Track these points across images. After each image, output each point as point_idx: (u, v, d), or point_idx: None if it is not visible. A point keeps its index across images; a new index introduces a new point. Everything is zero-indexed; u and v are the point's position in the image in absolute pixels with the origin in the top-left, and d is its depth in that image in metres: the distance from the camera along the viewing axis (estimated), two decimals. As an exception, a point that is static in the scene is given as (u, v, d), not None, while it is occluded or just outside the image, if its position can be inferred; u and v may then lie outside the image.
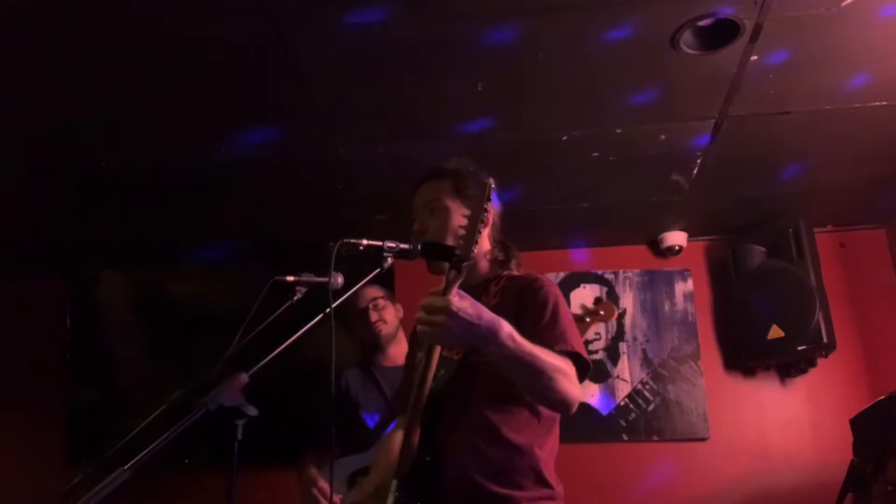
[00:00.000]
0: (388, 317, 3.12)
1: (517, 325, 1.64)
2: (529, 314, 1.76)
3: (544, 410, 1.79)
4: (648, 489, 3.69)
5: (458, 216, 1.87)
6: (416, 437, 1.69)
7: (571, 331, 1.77)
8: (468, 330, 1.54)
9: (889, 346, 3.76)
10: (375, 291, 3.16)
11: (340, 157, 3.02)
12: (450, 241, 1.84)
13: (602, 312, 3.68)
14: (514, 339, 1.58)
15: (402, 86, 2.57)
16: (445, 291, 1.58)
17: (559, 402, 1.67)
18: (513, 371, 1.64)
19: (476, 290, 1.88)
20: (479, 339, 1.57)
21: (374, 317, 3.09)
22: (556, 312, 1.77)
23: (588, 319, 3.33)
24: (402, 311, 3.20)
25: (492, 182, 1.71)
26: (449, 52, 2.39)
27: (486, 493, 1.70)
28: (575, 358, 1.71)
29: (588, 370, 1.75)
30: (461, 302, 1.54)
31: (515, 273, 1.93)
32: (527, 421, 1.77)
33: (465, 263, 1.62)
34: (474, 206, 1.69)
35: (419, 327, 1.60)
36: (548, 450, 1.80)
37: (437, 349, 1.72)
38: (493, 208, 1.97)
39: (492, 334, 1.56)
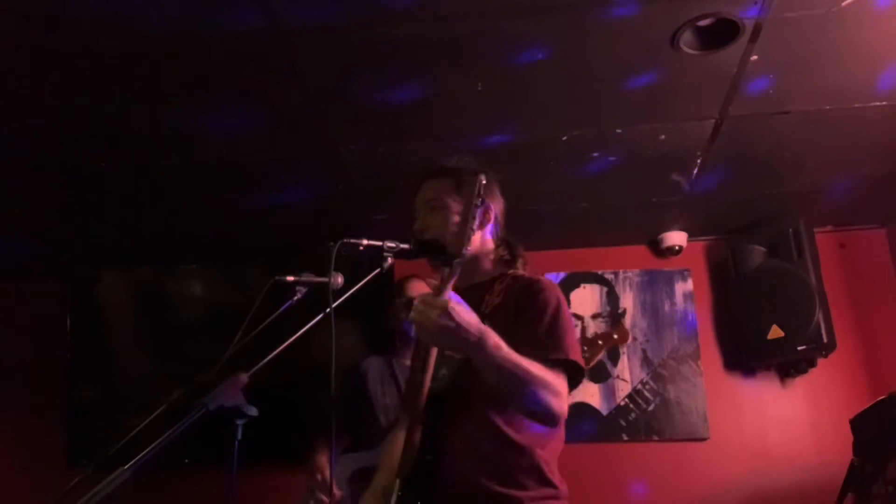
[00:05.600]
0: None
1: (515, 325, 1.63)
2: (528, 317, 1.75)
3: None
4: (648, 489, 3.69)
5: (458, 214, 1.87)
6: (417, 437, 1.69)
7: (568, 337, 1.75)
8: (457, 334, 1.53)
9: (889, 346, 3.76)
10: (426, 288, 3.14)
11: (340, 157, 3.02)
12: (449, 240, 1.84)
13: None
14: (499, 350, 1.57)
15: (401, 86, 2.57)
16: (440, 289, 1.57)
17: (542, 415, 1.66)
18: (496, 380, 1.63)
19: (480, 288, 1.88)
20: (466, 345, 1.56)
21: None
22: (555, 318, 1.75)
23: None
24: None
25: (483, 177, 1.67)
26: (449, 53, 2.39)
27: (488, 493, 1.69)
28: (569, 366, 1.71)
29: (582, 377, 1.74)
30: (457, 305, 1.53)
31: (520, 272, 1.92)
32: (528, 421, 1.77)
33: (457, 260, 1.60)
34: (465, 201, 1.67)
35: (412, 318, 1.58)
36: (550, 449, 1.80)
37: (434, 349, 1.71)
38: (497, 205, 1.96)
39: (479, 343, 1.55)
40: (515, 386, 1.61)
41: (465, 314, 1.54)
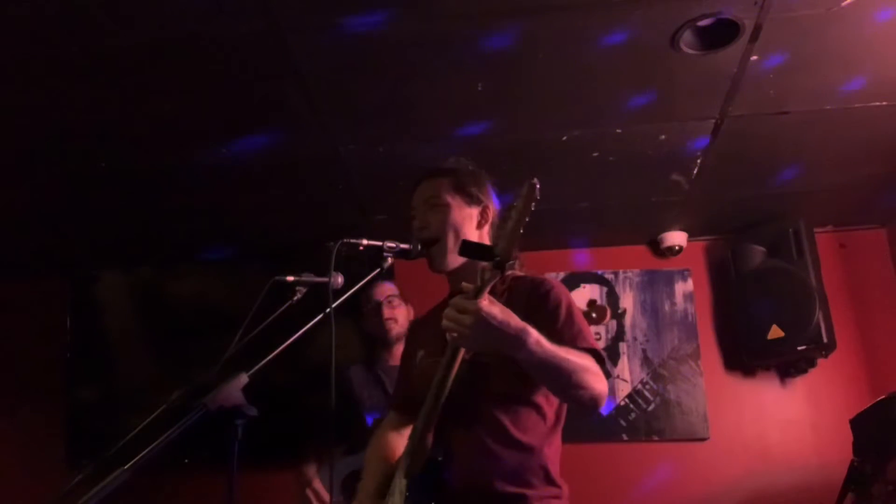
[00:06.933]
0: (400, 316, 3.10)
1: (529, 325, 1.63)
2: (544, 316, 1.75)
3: (550, 412, 1.80)
4: (648, 489, 3.69)
5: (458, 212, 1.88)
6: (430, 437, 1.69)
7: (587, 328, 1.78)
8: (495, 336, 1.52)
9: (889, 346, 3.76)
10: (391, 289, 3.15)
11: (340, 157, 3.02)
12: (450, 237, 1.84)
13: (594, 315, 3.71)
14: (541, 346, 1.56)
15: (401, 86, 2.57)
16: (479, 292, 1.53)
17: (590, 399, 1.65)
18: (541, 375, 1.63)
19: None
20: (507, 346, 1.55)
21: (387, 313, 3.08)
22: (570, 312, 1.77)
23: None
24: (412, 312, 3.16)
25: (536, 181, 1.65)
26: (449, 53, 2.39)
27: (496, 493, 1.70)
28: (595, 354, 1.72)
29: (605, 364, 1.74)
30: (491, 307, 1.51)
31: (519, 274, 1.93)
32: (535, 422, 1.78)
33: (509, 263, 1.56)
34: (520, 205, 1.62)
35: (445, 326, 1.56)
36: (554, 449, 1.82)
37: (462, 350, 1.68)
38: (493, 207, 1.96)
39: (520, 342, 1.54)
40: (562, 377, 1.61)
41: (502, 314, 1.53)
